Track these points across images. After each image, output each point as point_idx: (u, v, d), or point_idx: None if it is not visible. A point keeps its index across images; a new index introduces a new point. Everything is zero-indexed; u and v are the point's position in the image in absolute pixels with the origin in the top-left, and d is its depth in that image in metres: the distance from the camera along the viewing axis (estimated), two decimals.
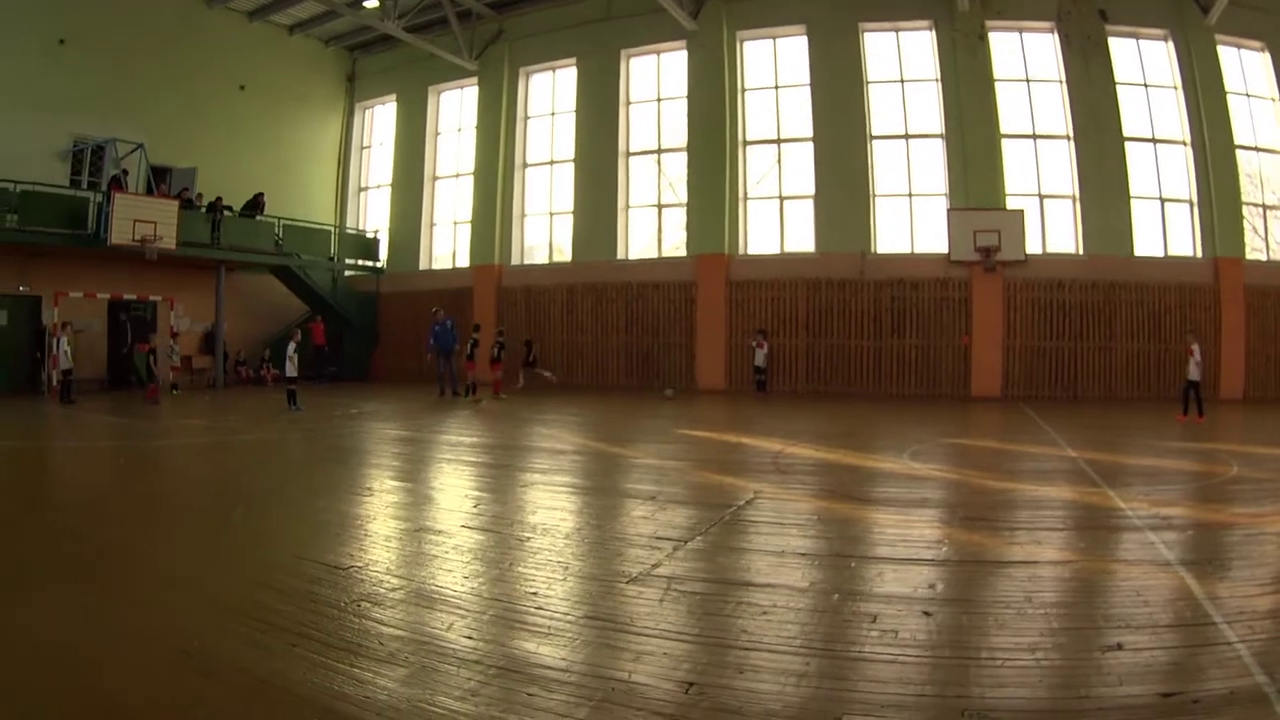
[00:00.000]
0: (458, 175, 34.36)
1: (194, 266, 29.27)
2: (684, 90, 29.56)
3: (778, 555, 6.87)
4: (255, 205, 31.03)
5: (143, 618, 5.44)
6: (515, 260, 32.34)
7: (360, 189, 37.46)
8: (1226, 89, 24.50)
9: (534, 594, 5.81)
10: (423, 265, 34.61)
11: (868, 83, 27.15)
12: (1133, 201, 24.91)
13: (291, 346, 20.76)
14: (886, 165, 27.10)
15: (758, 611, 5.38)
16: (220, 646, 4.87)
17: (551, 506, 9.25)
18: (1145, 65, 25.40)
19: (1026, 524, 8.18)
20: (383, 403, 23.42)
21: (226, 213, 29.49)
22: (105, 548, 7.37)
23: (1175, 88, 24.91)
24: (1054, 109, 25.70)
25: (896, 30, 27.11)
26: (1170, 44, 24.93)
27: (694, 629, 5.08)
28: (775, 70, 28.76)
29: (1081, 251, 25.09)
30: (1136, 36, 25.34)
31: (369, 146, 37.55)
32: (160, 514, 9.25)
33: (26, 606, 5.66)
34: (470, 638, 4.92)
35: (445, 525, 8.18)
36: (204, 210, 28.87)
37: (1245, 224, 24.56)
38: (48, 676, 4.47)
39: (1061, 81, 25.48)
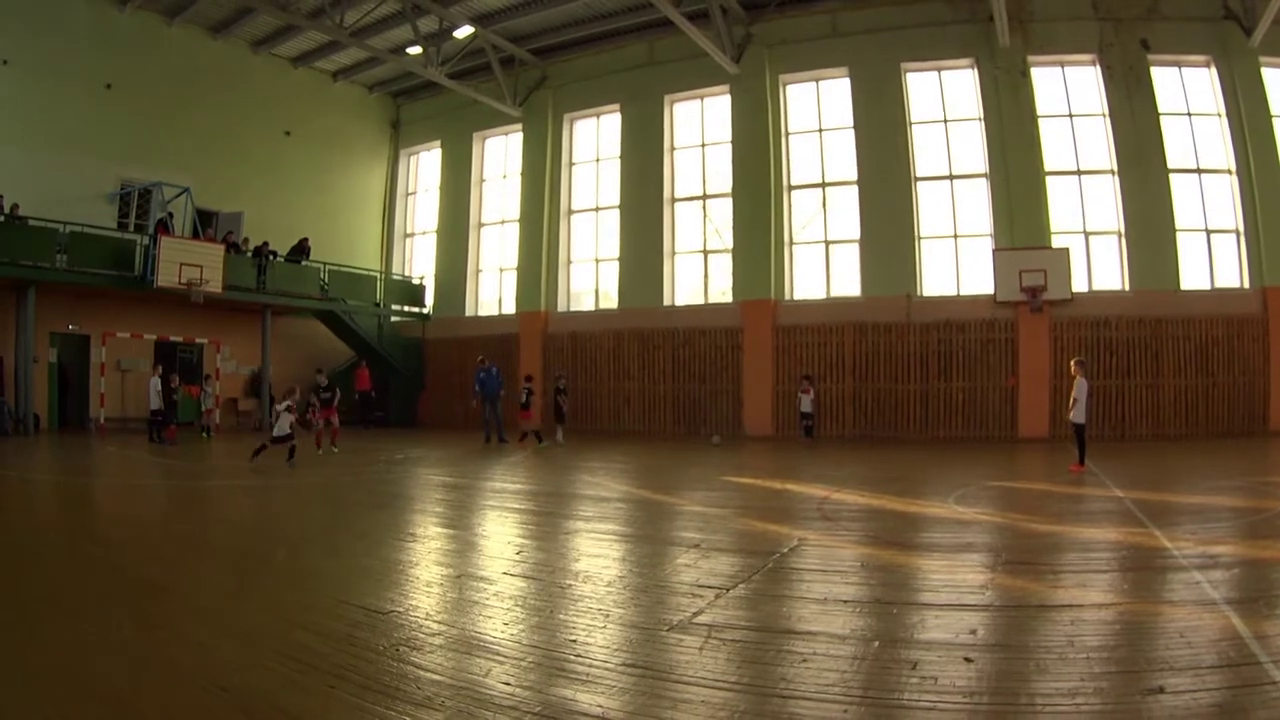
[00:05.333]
0: (503, 222, 34.81)
1: (240, 310, 29.86)
2: (728, 135, 29.78)
3: (819, 602, 6.80)
4: (301, 250, 31.59)
5: (181, 653, 5.50)
6: (561, 307, 32.63)
7: (406, 235, 38.04)
8: (1272, 113, 24.25)
9: (574, 641, 5.78)
10: (469, 311, 35.02)
11: (911, 124, 27.32)
12: (1178, 234, 24.73)
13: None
14: (931, 207, 27.13)
15: (798, 659, 5.32)
16: (257, 685, 4.91)
17: (594, 554, 9.24)
18: (1188, 94, 25.28)
19: (1070, 567, 8.06)
20: (428, 449, 23.57)
21: (272, 257, 30.03)
22: (145, 583, 7.49)
23: (1219, 115, 24.80)
24: (1098, 143, 25.66)
25: (939, 70, 27.29)
26: (1213, 70, 24.85)
27: (733, 676, 5.04)
28: (819, 113, 28.98)
29: (1127, 287, 25.00)
30: (1179, 64, 25.34)
31: (414, 193, 38.20)
32: (201, 552, 9.36)
33: (65, 638, 5.74)
34: (508, 684, 4.90)
35: (487, 572, 8.20)
36: (250, 254, 29.41)
37: None
38: (84, 708, 4.52)
39: (1104, 115, 25.49)
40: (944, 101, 27.50)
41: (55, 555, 8.63)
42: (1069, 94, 26.26)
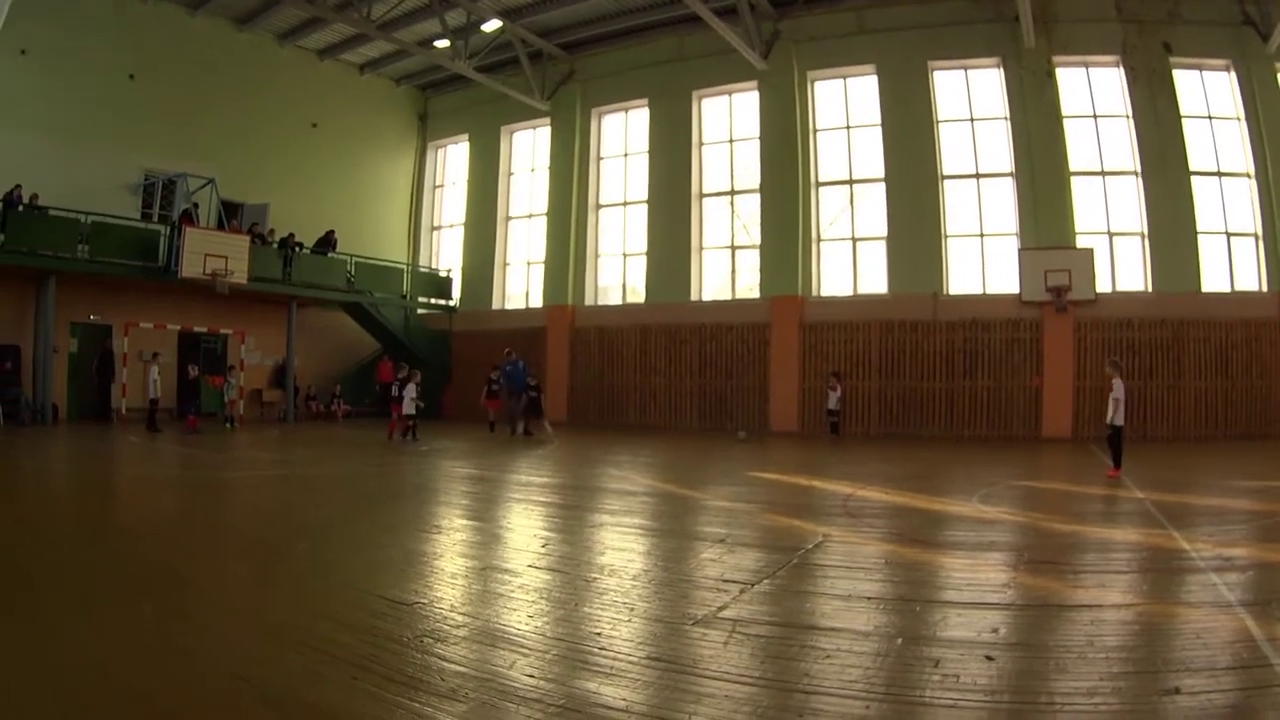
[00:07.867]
0: (531, 215, 34.90)
1: (266, 301, 29.94)
2: (756, 131, 29.74)
3: (843, 599, 6.83)
4: (327, 242, 31.67)
5: (201, 643, 5.54)
6: (589, 301, 32.69)
7: (433, 228, 38.16)
8: None
9: (598, 634, 5.82)
10: (496, 305, 35.15)
11: (938, 122, 27.23)
12: (1200, 237, 24.60)
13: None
14: (957, 205, 27.02)
15: (821, 655, 5.36)
16: (279, 675, 4.94)
17: (620, 547, 9.27)
18: (1209, 97, 25.16)
19: (1091, 567, 8.06)
20: (454, 440, 23.64)
21: (299, 249, 30.07)
22: (167, 573, 7.55)
23: (1238, 119, 24.66)
24: (1121, 144, 25.53)
25: (965, 69, 27.19)
26: (1232, 74, 24.74)
27: (757, 672, 5.07)
28: (846, 110, 28.92)
29: (1149, 289, 24.85)
30: (1200, 68, 25.23)
31: (441, 185, 38.27)
32: (223, 543, 9.43)
33: (87, 627, 5.80)
34: (532, 676, 4.94)
35: (512, 564, 8.24)
36: (276, 246, 29.41)
37: None
38: (105, 697, 4.56)
39: (1128, 116, 25.38)
40: (970, 100, 27.42)
41: (75, 545, 8.68)
42: (1093, 95, 26.14)
